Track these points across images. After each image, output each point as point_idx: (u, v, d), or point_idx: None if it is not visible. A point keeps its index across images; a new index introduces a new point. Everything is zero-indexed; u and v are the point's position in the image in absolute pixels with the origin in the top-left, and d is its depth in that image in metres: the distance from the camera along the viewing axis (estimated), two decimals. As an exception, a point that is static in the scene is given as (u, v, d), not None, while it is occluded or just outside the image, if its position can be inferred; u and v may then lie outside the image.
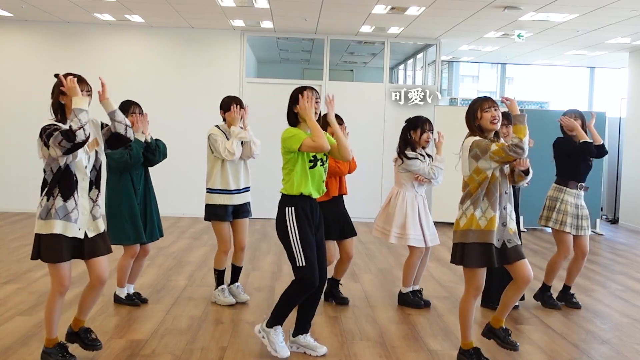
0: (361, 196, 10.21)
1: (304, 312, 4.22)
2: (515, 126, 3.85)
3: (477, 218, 3.90)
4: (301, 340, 4.22)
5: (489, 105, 3.97)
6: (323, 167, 4.13)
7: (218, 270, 5.40)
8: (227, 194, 5.23)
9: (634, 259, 8.24)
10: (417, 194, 5.35)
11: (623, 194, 11.48)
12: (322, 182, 4.15)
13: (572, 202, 5.48)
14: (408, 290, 5.49)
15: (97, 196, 3.85)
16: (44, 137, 3.64)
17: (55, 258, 3.68)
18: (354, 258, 7.51)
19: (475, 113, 3.99)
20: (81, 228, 3.73)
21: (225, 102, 5.28)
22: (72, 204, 3.68)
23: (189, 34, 10.71)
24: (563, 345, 4.60)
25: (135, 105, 5.09)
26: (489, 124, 3.96)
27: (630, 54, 11.52)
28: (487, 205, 3.90)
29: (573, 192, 5.49)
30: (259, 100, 10.28)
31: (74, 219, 3.69)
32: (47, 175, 3.72)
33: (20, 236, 8.28)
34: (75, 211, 3.69)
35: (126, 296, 5.25)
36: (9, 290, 5.59)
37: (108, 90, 3.94)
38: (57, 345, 3.84)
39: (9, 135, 10.54)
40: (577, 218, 5.48)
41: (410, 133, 5.34)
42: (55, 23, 10.49)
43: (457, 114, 10.62)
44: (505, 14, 8.50)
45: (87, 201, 3.78)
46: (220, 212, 5.24)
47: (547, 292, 5.65)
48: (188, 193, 10.02)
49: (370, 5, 8.47)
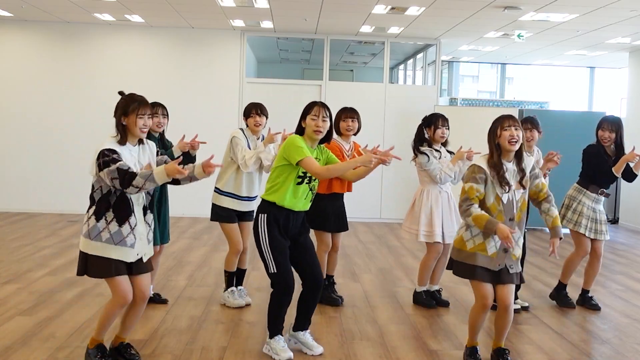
0: (361, 196, 10.22)
1: (303, 309, 4.23)
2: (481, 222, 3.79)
3: (464, 239, 3.93)
4: (300, 337, 4.24)
5: (510, 124, 3.86)
6: (310, 185, 4.08)
7: (228, 272, 5.36)
8: (236, 199, 5.22)
9: (634, 259, 8.24)
10: (442, 189, 5.35)
11: (623, 194, 11.48)
12: (305, 199, 4.09)
13: (589, 205, 5.50)
14: (422, 289, 5.51)
15: (151, 220, 3.84)
16: (100, 162, 3.53)
17: (104, 274, 3.66)
18: (354, 258, 7.54)
19: (496, 130, 3.91)
20: (139, 253, 3.72)
21: (246, 109, 5.30)
22: (127, 229, 3.64)
23: (189, 34, 10.71)
24: (563, 345, 4.60)
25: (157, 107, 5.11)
26: (507, 144, 3.85)
27: (630, 54, 11.52)
28: (479, 232, 3.87)
29: (592, 196, 5.51)
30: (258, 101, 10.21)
31: (129, 244, 3.65)
32: (95, 194, 3.65)
33: (20, 236, 8.28)
34: (132, 236, 3.65)
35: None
36: (9, 290, 5.59)
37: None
38: (97, 345, 3.84)
39: (9, 135, 10.54)
40: (594, 222, 5.49)
41: (426, 130, 5.36)
42: (55, 23, 10.49)
43: (457, 114, 10.71)
44: (505, 14, 8.50)
45: (144, 226, 3.76)
46: (225, 214, 5.24)
47: (562, 291, 5.66)
48: (188, 193, 10.00)
49: (370, 5, 8.47)
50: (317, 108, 4.06)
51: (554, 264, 7.43)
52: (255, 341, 4.42)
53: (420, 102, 10.68)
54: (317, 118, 4.03)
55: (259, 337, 4.52)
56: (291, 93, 10.84)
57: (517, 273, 3.96)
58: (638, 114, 11.22)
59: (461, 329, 4.91)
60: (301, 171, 4.02)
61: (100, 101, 10.13)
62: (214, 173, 3.85)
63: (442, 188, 5.35)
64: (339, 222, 5.36)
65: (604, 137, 5.49)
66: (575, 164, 5.88)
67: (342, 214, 5.41)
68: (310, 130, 4.06)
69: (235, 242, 5.28)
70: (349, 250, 7.89)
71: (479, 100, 12.38)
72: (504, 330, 4.05)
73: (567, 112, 11.25)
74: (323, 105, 4.09)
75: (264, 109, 5.27)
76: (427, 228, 5.29)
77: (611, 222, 11.52)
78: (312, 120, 4.05)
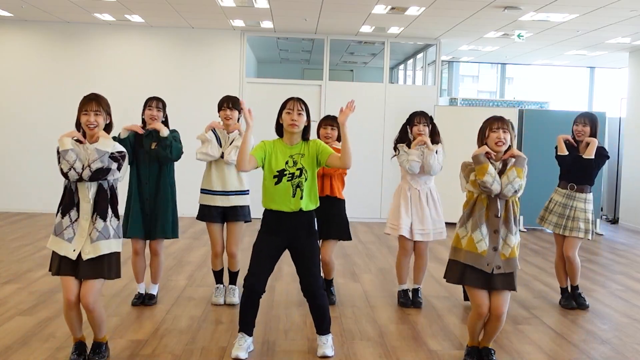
0: (361, 196, 10.23)
1: (314, 320, 4.23)
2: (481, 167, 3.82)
3: (460, 236, 3.95)
4: (317, 339, 4.23)
5: (498, 127, 3.90)
6: (293, 181, 4.02)
7: (213, 271, 5.45)
8: (210, 194, 5.22)
9: (634, 259, 8.24)
10: (411, 186, 5.32)
11: (623, 194, 11.48)
12: (294, 198, 4.02)
13: (559, 201, 5.50)
14: (400, 289, 5.52)
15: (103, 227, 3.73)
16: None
17: (52, 269, 3.78)
18: (354, 258, 7.53)
19: (485, 130, 3.96)
20: (75, 249, 3.71)
21: (219, 102, 5.29)
22: (67, 222, 3.70)
23: (189, 34, 10.71)
24: (563, 345, 4.60)
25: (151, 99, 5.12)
26: (494, 145, 3.90)
27: (630, 54, 11.52)
28: (470, 225, 3.91)
29: (563, 192, 5.52)
30: (258, 101, 10.27)
31: (66, 237, 3.69)
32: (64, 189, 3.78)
33: (20, 236, 8.28)
34: (70, 229, 3.69)
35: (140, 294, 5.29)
36: (9, 290, 5.59)
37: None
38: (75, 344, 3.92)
39: (9, 135, 10.55)
40: (563, 218, 5.46)
41: (407, 127, 5.38)
42: (55, 23, 10.49)
43: (457, 114, 10.72)
44: (505, 14, 8.50)
45: (88, 223, 3.74)
46: (205, 212, 5.25)
47: (566, 293, 5.63)
48: (188, 193, 10.00)
49: (370, 5, 8.47)
50: (292, 102, 4.08)
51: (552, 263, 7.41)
52: (255, 341, 4.42)
53: (420, 102, 10.61)
54: (292, 112, 4.05)
55: (259, 338, 4.52)
56: (291, 93, 10.62)
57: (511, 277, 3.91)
58: (638, 114, 11.22)
59: (461, 328, 4.91)
60: (276, 168, 4.01)
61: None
62: None
63: (412, 185, 5.31)
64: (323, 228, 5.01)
65: (578, 131, 5.47)
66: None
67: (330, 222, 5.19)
68: (286, 125, 4.07)
69: (213, 243, 5.31)
70: (349, 250, 7.89)
71: (479, 100, 12.39)
72: (492, 335, 4.05)
73: (567, 112, 11.23)
74: (298, 100, 4.10)
75: (237, 103, 5.21)
76: (393, 221, 5.31)
77: (611, 222, 11.52)
78: (287, 114, 4.06)
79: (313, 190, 4.11)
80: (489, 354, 4.08)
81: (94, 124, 3.74)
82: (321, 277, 4.22)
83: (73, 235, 3.70)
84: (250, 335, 4.17)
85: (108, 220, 3.76)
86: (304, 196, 4.04)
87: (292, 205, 4.04)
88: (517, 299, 5.62)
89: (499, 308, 3.88)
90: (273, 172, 4.01)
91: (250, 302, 4.11)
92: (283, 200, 4.03)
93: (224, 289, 5.41)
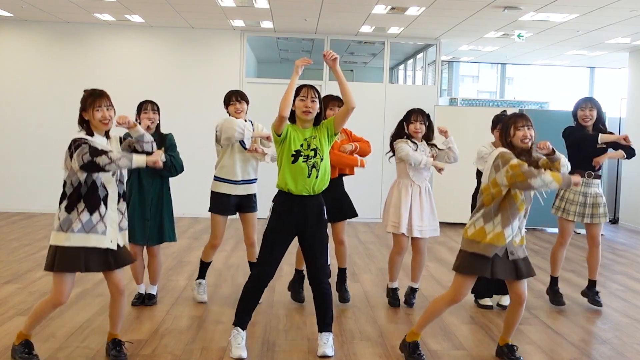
0: (361, 196, 10.19)
1: (317, 312, 4.24)
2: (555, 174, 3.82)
3: (486, 232, 3.91)
4: (318, 338, 4.23)
5: (523, 124, 3.95)
6: (307, 162, 4.06)
7: (202, 262, 5.44)
8: (232, 184, 5.21)
9: (634, 259, 8.24)
10: (414, 183, 5.30)
11: (623, 194, 11.48)
12: (309, 179, 4.06)
13: (580, 191, 5.45)
14: (391, 286, 5.53)
15: (125, 209, 3.90)
16: (72, 148, 3.68)
17: (70, 268, 3.73)
18: (354, 258, 7.53)
19: (509, 129, 3.98)
20: (113, 240, 3.78)
21: (226, 97, 5.29)
22: (97, 217, 3.71)
23: (189, 34, 10.71)
24: (563, 345, 4.60)
25: (146, 103, 5.14)
26: (520, 142, 3.95)
27: (630, 54, 11.52)
28: (499, 221, 3.90)
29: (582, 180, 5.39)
30: (259, 100, 10.26)
31: (100, 231, 3.72)
32: (67, 189, 3.74)
33: (20, 236, 8.28)
34: (102, 224, 3.72)
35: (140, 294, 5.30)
36: (9, 290, 5.59)
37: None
38: (24, 342, 3.91)
39: (9, 135, 10.55)
40: (585, 206, 5.44)
41: (404, 124, 5.36)
42: (55, 23, 10.49)
43: (457, 114, 10.72)
44: (505, 14, 8.50)
45: (117, 213, 3.82)
46: (220, 203, 5.23)
47: (554, 287, 5.64)
48: (188, 193, 10.01)
49: (370, 6, 8.47)
50: (306, 89, 4.12)
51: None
52: (255, 341, 4.42)
53: (420, 102, 10.54)
54: (306, 99, 4.09)
55: (259, 337, 4.52)
56: None
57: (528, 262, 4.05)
58: (638, 114, 11.22)
59: (461, 329, 4.91)
60: (294, 149, 4.03)
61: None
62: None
63: (414, 181, 5.29)
64: (333, 210, 5.13)
65: (585, 116, 5.42)
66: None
67: (339, 202, 5.26)
68: (299, 112, 4.10)
69: (214, 235, 5.31)
70: (349, 250, 7.87)
71: (479, 100, 12.39)
72: (514, 326, 4.15)
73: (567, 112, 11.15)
74: (311, 87, 4.14)
75: (244, 95, 5.27)
76: (394, 219, 5.28)
77: (611, 222, 11.52)
78: (301, 101, 4.10)
79: (327, 170, 4.16)
80: (513, 351, 4.16)
81: (108, 118, 3.78)
82: (328, 267, 4.24)
83: (105, 228, 3.74)
84: (245, 330, 4.17)
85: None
86: (319, 175, 4.10)
87: (307, 186, 4.07)
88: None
89: (524, 293, 4.05)
90: (291, 151, 4.05)
91: (255, 291, 4.12)
92: (298, 180, 4.06)
93: (205, 285, 5.45)
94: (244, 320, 4.16)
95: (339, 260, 5.49)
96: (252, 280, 4.12)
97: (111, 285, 3.88)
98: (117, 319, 4.00)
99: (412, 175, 5.29)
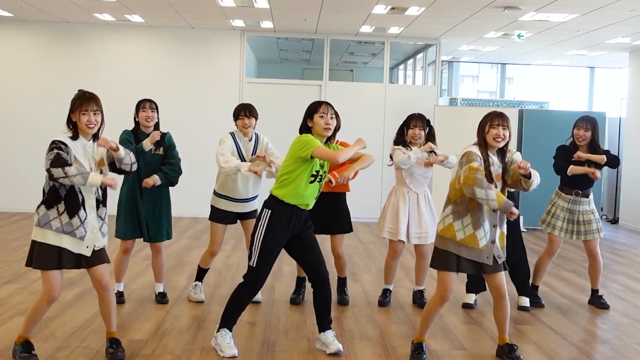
0: (361, 196, 10.21)
1: (318, 308, 4.26)
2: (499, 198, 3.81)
3: (454, 229, 3.94)
4: (322, 337, 4.25)
5: (498, 123, 3.96)
6: (320, 184, 4.13)
7: (200, 268, 5.46)
8: (232, 201, 5.21)
9: (634, 259, 8.24)
10: (411, 190, 5.30)
11: (623, 194, 11.48)
12: (312, 198, 4.11)
13: (564, 206, 5.51)
14: (385, 287, 5.56)
15: (105, 214, 3.88)
16: (48, 149, 3.71)
17: (46, 266, 3.72)
18: (354, 258, 7.53)
19: (485, 126, 4.01)
20: (89, 246, 3.77)
21: (235, 110, 5.23)
22: (77, 222, 3.70)
23: (189, 34, 10.71)
24: (563, 345, 4.60)
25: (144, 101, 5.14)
26: (492, 141, 3.96)
27: (630, 54, 11.52)
28: (469, 222, 3.91)
29: (568, 198, 5.52)
30: (259, 100, 10.22)
31: (79, 236, 3.71)
32: (45, 185, 3.75)
33: (20, 236, 8.28)
34: (82, 229, 3.71)
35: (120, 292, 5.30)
36: (9, 290, 5.59)
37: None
38: (23, 342, 3.91)
39: (8, 135, 10.54)
40: (572, 223, 5.49)
41: (404, 129, 5.35)
42: (55, 23, 10.49)
43: (457, 114, 10.71)
44: (505, 14, 8.50)
45: (96, 220, 3.81)
46: (220, 215, 5.25)
47: (533, 291, 5.65)
48: (188, 193, 10.00)
49: (370, 5, 8.47)
50: (325, 106, 4.12)
51: (553, 264, 7.42)
52: (255, 341, 4.42)
53: (420, 102, 10.66)
54: (326, 115, 4.10)
55: (259, 337, 4.52)
56: (291, 93, 10.84)
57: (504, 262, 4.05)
58: (638, 114, 11.22)
59: (461, 329, 4.91)
60: (314, 169, 4.03)
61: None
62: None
63: (411, 188, 5.29)
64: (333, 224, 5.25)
65: (579, 136, 5.45)
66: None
67: (339, 217, 5.28)
68: (320, 129, 4.09)
69: (214, 242, 5.30)
70: (349, 250, 7.89)
71: (479, 100, 12.40)
72: (505, 322, 4.13)
73: (567, 112, 11.23)
74: (329, 104, 4.15)
75: (253, 111, 5.22)
76: (392, 225, 5.28)
77: (611, 222, 11.52)
78: (321, 118, 4.09)
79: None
80: (513, 350, 4.16)
81: (94, 123, 3.76)
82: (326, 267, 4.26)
83: (85, 234, 3.73)
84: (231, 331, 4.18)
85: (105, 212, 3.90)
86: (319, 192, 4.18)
87: (307, 204, 4.12)
88: (517, 299, 5.60)
89: (502, 287, 4.02)
90: (312, 172, 4.05)
91: (247, 299, 4.15)
92: (306, 198, 4.08)
93: (202, 287, 5.47)
94: (231, 323, 4.16)
95: (338, 271, 5.53)
96: (246, 289, 4.11)
97: (94, 281, 3.86)
98: (108, 316, 3.98)
99: (409, 182, 5.29)
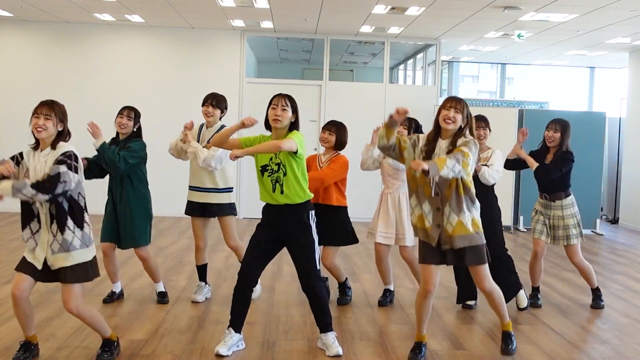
0: (360, 197, 10.20)
1: (314, 315, 4.28)
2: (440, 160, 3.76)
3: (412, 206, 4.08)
4: (322, 338, 4.26)
5: (450, 106, 4.01)
6: (271, 177, 4.08)
7: (196, 266, 5.54)
8: (192, 190, 5.34)
9: (634, 259, 8.24)
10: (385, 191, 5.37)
11: (623, 194, 11.48)
12: (275, 192, 4.09)
13: (539, 210, 5.55)
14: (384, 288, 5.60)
15: (57, 231, 3.68)
16: None
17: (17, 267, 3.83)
18: (354, 258, 7.53)
19: (440, 108, 4.08)
20: (39, 259, 3.74)
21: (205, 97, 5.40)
22: (27, 233, 3.75)
23: (189, 34, 10.71)
24: (563, 345, 4.60)
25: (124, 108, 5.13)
26: (442, 121, 4.01)
27: (630, 54, 11.52)
28: (416, 203, 4.03)
29: (541, 202, 5.56)
30: (258, 100, 10.27)
31: (30, 247, 3.76)
32: None
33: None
34: (32, 241, 3.75)
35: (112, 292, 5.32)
36: (9, 290, 5.53)
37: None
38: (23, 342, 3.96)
39: (8, 135, 10.53)
40: (549, 227, 5.49)
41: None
42: (55, 23, 10.49)
43: (457, 114, 10.68)
44: (505, 14, 8.50)
45: (48, 234, 3.72)
46: (188, 207, 5.38)
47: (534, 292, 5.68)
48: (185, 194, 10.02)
49: (370, 5, 8.47)
50: (277, 98, 4.17)
51: (553, 264, 7.42)
52: (255, 342, 4.42)
53: (420, 102, 10.65)
54: (277, 107, 4.12)
55: (258, 338, 4.52)
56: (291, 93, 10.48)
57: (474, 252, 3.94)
58: (638, 114, 11.21)
59: (461, 328, 4.91)
60: (260, 165, 4.12)
61: (99, 101, 10.14)
62: None
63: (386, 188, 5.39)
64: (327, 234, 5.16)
65: (549, 137, 5.47)
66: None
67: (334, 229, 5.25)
68: (270, 120, 4.14)
69: (194, 237, 5.46)
70: (349, 250, 7.89)
71: (479, 100, 12.40)
72: (497, 311, 4.21)
73: (567, 112, 11.20)
74: (284, 96, 4.18)
75: (220, 102, 5.35)
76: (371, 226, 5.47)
77: (611, 222, 11.52)
78: (272, 109, 4.14)
79: (294, 185, 4.09)
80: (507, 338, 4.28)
81: (42, 127, 3.68)
82: (318, 271, 4.19)
83: (35, 246, 3.74)
84: (238, 332, 4.19)
85: (68, 232, 3.68)
86: (284, 191, 4.10)
87: (274, 200, 4.14)
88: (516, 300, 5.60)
89: (479, 284, 4.08)
90: (257, 167, 4.16)
91: (239, 292, 4.18)
92: (268, 194, 4.15)
93: (204, 288, 5.50)
94: (235, 322, 4.20)
95: (335, 278, 5.53)
96: (237, 282, 4.20)
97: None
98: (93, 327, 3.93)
99: (383, 182, 5.41)
